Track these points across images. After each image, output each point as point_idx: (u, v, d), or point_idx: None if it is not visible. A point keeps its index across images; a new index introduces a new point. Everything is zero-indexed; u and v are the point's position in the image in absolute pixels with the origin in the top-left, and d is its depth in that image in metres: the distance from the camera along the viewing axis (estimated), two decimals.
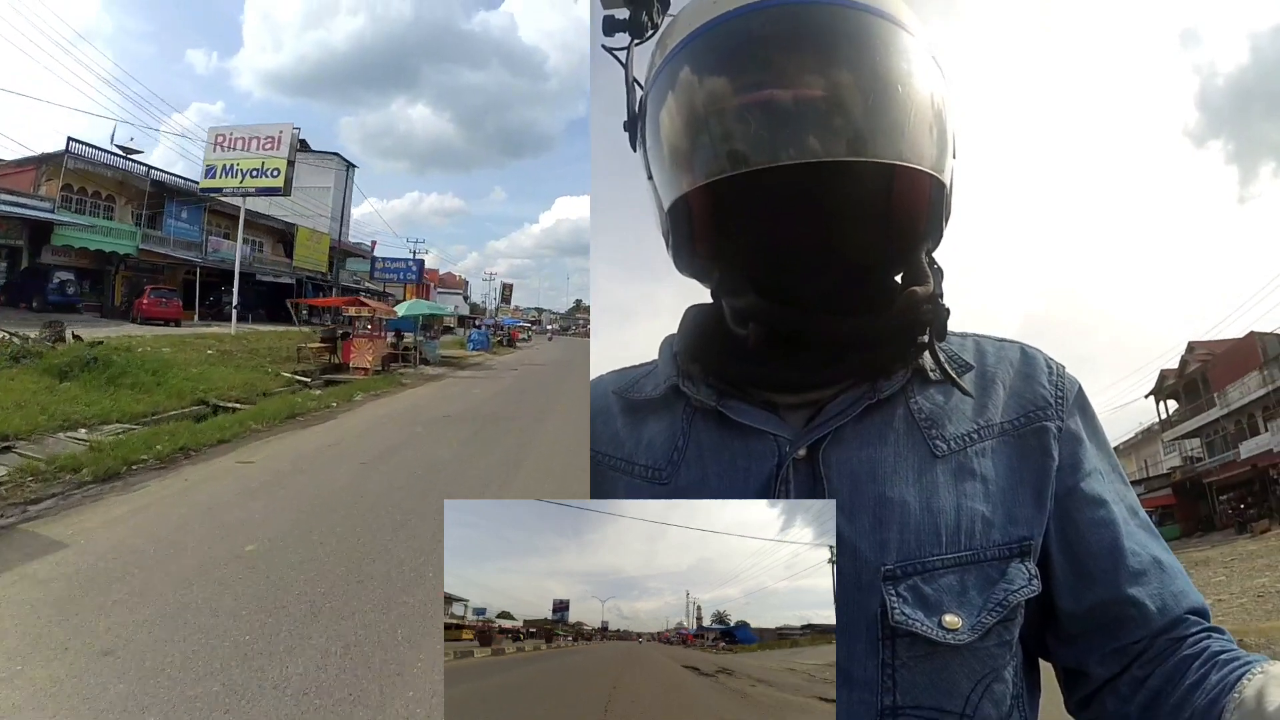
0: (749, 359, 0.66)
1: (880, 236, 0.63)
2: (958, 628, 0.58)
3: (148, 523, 5.02)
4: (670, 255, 0.71)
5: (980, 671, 0.60)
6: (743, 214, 0.62)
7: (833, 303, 0.64)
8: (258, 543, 4.61)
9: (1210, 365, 21.15)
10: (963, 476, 0.63)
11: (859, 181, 0.60)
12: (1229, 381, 19.95)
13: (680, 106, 0.65)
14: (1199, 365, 21.65)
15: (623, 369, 0.78)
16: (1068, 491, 0.65)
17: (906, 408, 0.65)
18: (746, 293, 0.65)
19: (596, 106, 0.81)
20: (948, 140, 0.65)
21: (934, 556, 0.60)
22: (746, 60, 0.62)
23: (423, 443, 8.51)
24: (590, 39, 0.78)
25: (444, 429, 9.62)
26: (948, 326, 0.66)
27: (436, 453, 7.92)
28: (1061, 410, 0.67)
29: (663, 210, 0.69)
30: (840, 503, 0.60)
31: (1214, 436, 20.64)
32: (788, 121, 0.60)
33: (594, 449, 0.72)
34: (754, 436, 0.65)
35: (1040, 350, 0.71)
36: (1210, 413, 20.47)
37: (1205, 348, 21.82)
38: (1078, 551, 0.64)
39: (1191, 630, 0.62)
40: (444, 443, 8.56)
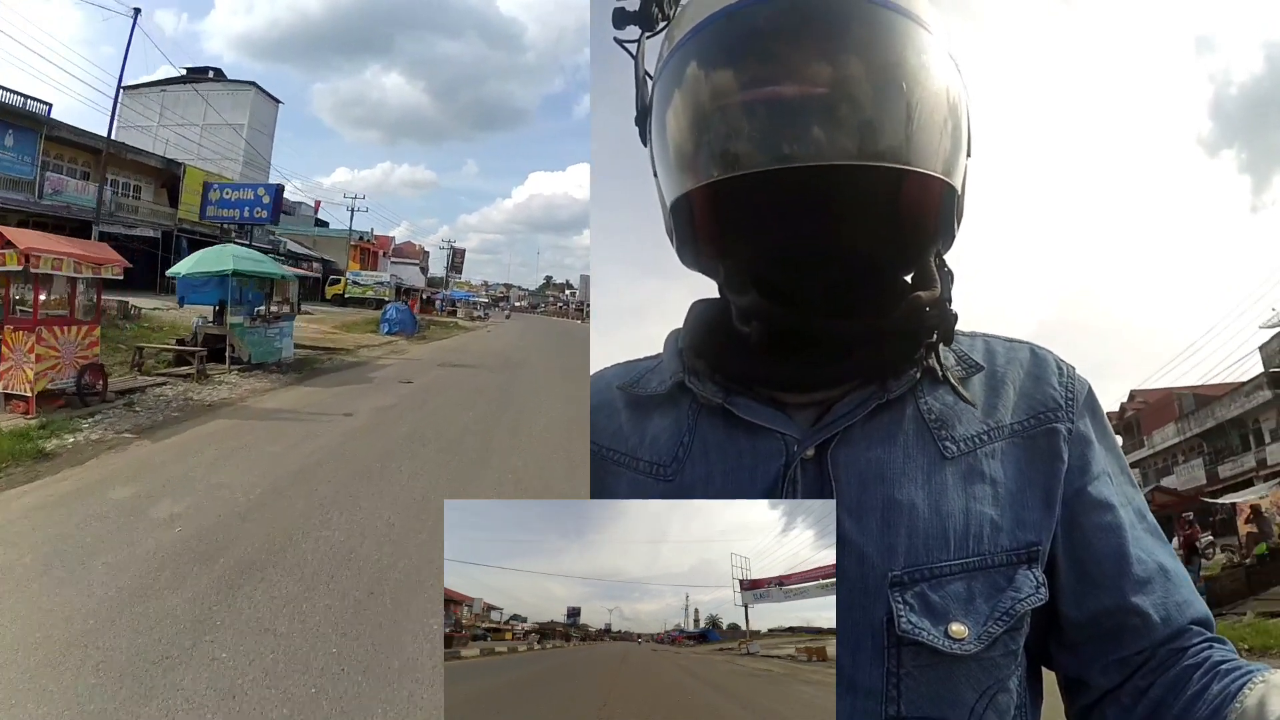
0: (756, 356, 0.65)
1: (887, 240, 0.62)
2: (964, 637, 0.58)
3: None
4: (675, 250, 0.70)
5: (985, 682, 0.59)
6: (746, 214, 0.61)
7: (836, 304, 0.63)
8: None
9: (1142, 412, 26.37)
10: (972, 479, 0.62)
11: (867, 185, 0.58)
12: (1155, 428, 25.36)
13: (685, 102, 0.64)
14: (1134, 412, 26.78)
15: (626, 363, 0.77)
16: (1075, 494, 0.64)
17: (916, 408, 0.64)
18: (749, 291, 0.64)
19: (597, 102, 0.82)
20: (962, 141, 0.63)
21: (942, 562, 0.59)
22: (753, 55, 0.60)
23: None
24: (591, 31, 0.77)
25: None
26: (957, 328, 0.65)
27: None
28: (1072, 412, 0.66)
29: (667, 206, 0.68)
30: (848, 504, 0.60)
31: (1147, 470, 25.19)
32: (795, 121, 0.58)
33: (596, 443, 0.71)
34: (761, 435, 0.64)
35: (1050, 351, 0.70)
36: (1140, 451, 25.54)
37: (1143, 396, 26.56)
38: (1083, 556, 0.64)
39: (1194, 640, 0.62)
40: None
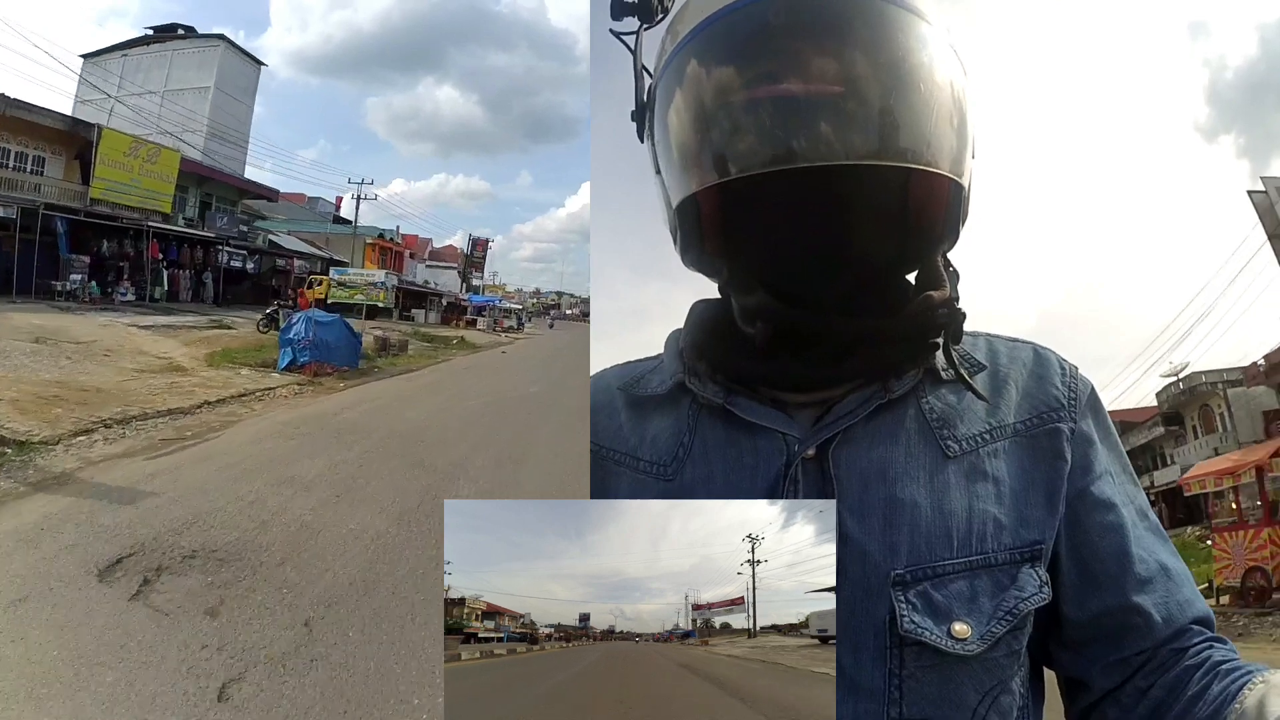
0: (757, 356, 0.65)
1: (896, 239, 0.62)
2: (967, 637, 0.58)
3: None
4: (678, 251, 0.69)
5: (988, 683, 0.60)
6: (755, 214, 0.61)
7: (844, 304, 0.63)
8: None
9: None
10: (975, 478, 0.62)
11: (876, 185, 0.58)
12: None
13: (691, 100, 0.63)
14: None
15: (627, 363, 0.77)
16: (1078, 494, 0.64)
17: (918, 407, 0.64)
18: (756, 292, 0.64)
19: (596, 96, 0.80)
20: (968, 139, 0.63)
21: (945, 561, 0.59)
22: (761, 53, 0.60)
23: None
24: (590, 24, 0.75)
25: None
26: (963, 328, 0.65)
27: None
28: (1074, 412, 0.66)
29: (671, 206, 0.67)
30: (850, 504, 0.60)
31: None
32: (804, 120, 0.58)
33: (597, 443, 0.71)
34: (762, 435, 0.64)
35: (1053, 351, 0.70)
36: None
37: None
38: (1085, 555, 0.64)
39: (1195, 640, 0.62)
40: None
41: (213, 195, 26.52)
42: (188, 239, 23.09)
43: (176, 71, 29.87)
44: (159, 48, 30.65)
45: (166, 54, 30.09)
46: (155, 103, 28.43)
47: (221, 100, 30.76)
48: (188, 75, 30.20)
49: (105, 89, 28.04)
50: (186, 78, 30.23)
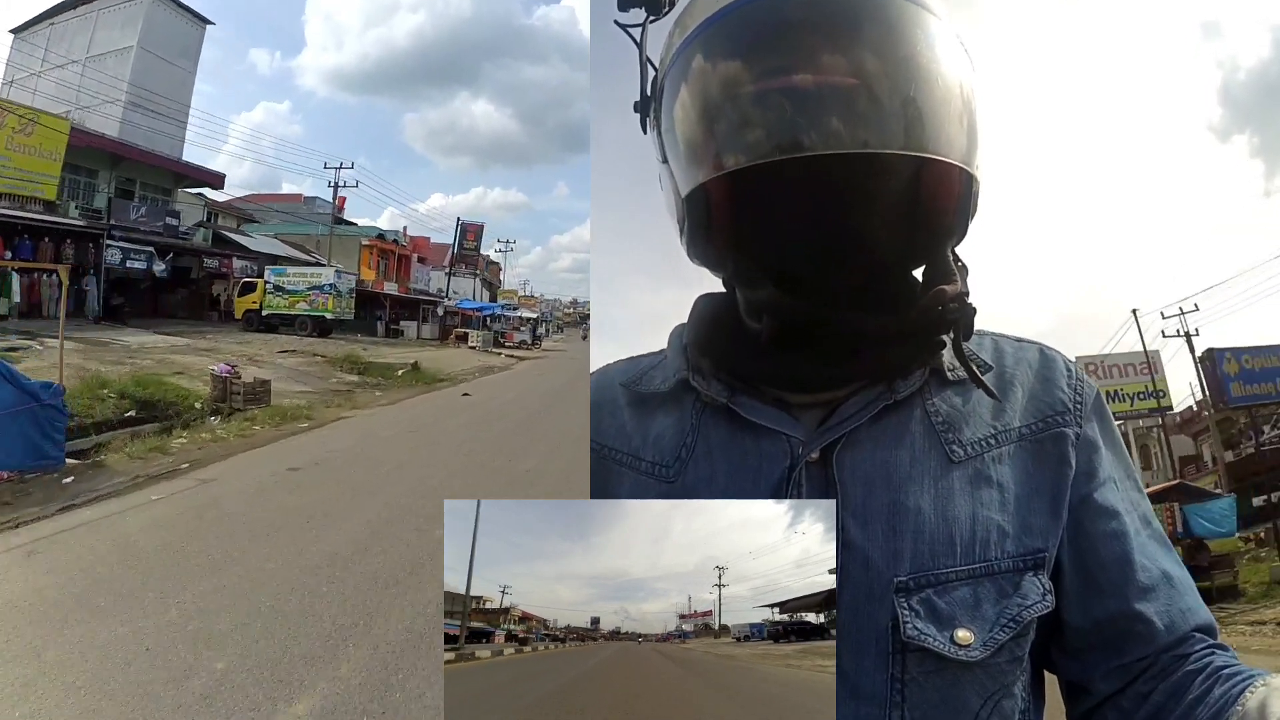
0: (762, 354, 0.64)
1: (908, 231, 0.61)
2: (970, 644, 0.57)
3: None
4: (683, 243, 0.68)
5: (991, 689, 0.59)
6: (768, 203, 0.60)
7: (853, 298, 0.62)
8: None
9: None
10: (979, 484, 0.61)
11: (889, 175, 0.58)
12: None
13: (702, 91, 0.62)
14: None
15: (630, 359, 0.76)
16: (1081, 500, 0.64)
17: (923, 409, 0.63)
18: (764, 285, 0.63)
19: (596, 92, 0.80)
20: (977, 129, 0.62)
21: (948, 568, 0.59)
22: (774, 45, 0.59)
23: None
24: (591, 19, 0.75)
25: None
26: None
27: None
28: (1080, 416, 0.66)
29: (678, 197, 0.66)
30: (853, 509, 0.59)
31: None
32: (818, 110, 0.58)
33: (598, 442, 0.70)
34: (765, 436, 0.63)
35: (1060, 352, 0.70)
36: None
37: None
38: (1088, 562, 0.63)
39: (1196, 647, 0.62)
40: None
41: (135, 180, 21.83)
42: (51, 231, 16.71)
43: (100, 33, 25.35)
44: (85, 9, 26.19)
45: (92, 14, 25.84)
46: (77, 73, 23.60)
47: (148, 62, 25.07)
48: (111, 36, 25.21)
49: (31, 65, 24.42)
50: (110, 39, 25.23)
